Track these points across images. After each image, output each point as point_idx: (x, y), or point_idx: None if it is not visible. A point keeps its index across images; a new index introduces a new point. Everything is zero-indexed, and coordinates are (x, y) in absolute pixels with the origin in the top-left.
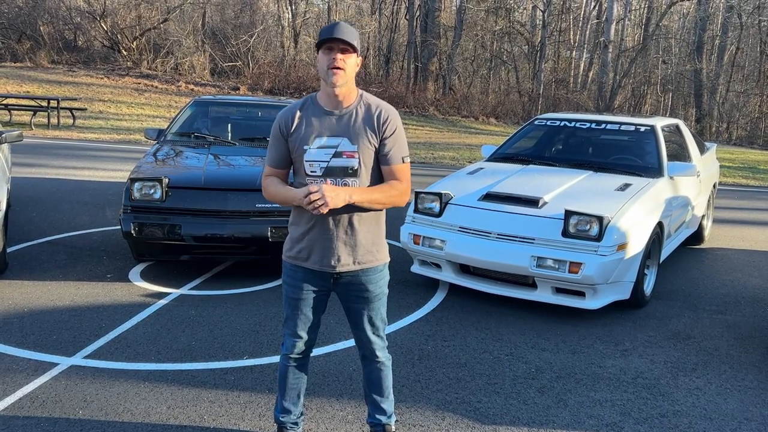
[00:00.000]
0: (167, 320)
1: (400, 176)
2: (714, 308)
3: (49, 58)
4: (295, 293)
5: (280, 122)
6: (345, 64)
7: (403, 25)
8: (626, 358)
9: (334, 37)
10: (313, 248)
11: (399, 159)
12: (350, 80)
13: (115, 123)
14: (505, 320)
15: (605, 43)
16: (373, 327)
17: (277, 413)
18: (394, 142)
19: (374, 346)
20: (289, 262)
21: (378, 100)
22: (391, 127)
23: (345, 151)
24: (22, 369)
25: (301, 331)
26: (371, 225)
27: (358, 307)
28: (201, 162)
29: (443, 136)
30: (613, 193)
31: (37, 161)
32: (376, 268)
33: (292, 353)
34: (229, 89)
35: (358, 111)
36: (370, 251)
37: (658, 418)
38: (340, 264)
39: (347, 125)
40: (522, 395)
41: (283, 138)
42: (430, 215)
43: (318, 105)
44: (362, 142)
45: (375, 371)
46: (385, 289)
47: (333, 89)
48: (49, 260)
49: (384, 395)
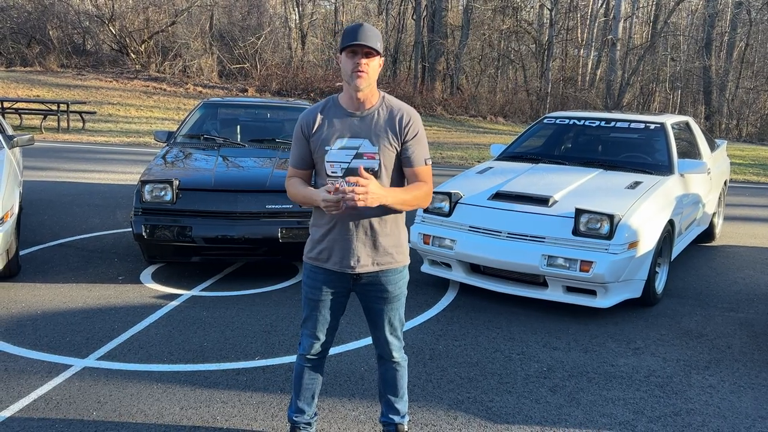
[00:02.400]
0: (179, 321)
1: (424, 178)
2: (726, 306)
3: (59, 62)
4: (314, 294)
5: (302, 123)
6: (368, 68)
7: (410, 25)
8: (638, 357)
9: (357, 43)
10: (333, 249)
11: (422, 161)
12: (373, 82)
13: (124, 126)
14: (516, 319)
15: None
16: (391, 327)
17: (290, 413)
18: (416, 144)
19: (391, 347)
20: (309, 263)
21: (400, 103)
22: (413, 130)
23: (366, 153)
24: (36, 371)
25: (320, 333)
26: (391, 227)
27: (378, 308)
28: (211, 164)
29: (451, 136)
30: (623, 191)
31: (48, 165)
32: (396, 269)
33: (308, 354)
34: (237, 91)
35: (380, 113)
36: (389, 253)
37: (672, 416)
38: (360, 265)
39: (368, 127)
40: (534, 394)
41: (305, 139)
42: (439, 215)
43: (340, 106)
44: (383, 144)
45: (390, 371)
46: (404, 290)
47: (356, 92)
48: (62, 263)
49: (398, 395)
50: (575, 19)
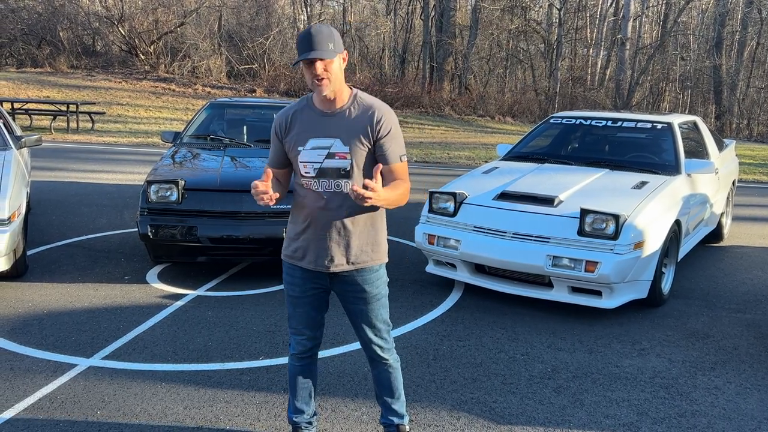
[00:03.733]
0: (184, 321)
1: (400, 175)
2: (733, 307)
3: (69, 62)
4: (294, 291)
5: (276, 124)
6: (328, 73)
7: (418, 25)
8: (644, 358)
9: (310, 58)
10: (307, 248)
11: (397, 158)
12: (337, 81)
13: (133, 126)
14: (521, 320)
15: (622, 41)
16: (373, 329)
17: (290, 414)
18: (390, 141)
19: (377, 348)
20: (287, 261)
21: (372, 100)
22: (386, 126)
23: (337, 152)
24: (42, 370)
25: (305, 329)
26: (365, 225)
27: (356, 308)
28: (217, 164)
29: (459, 136)
30: (629, 191)
31: (57, 165)
32: (372, 268)
33: (297, 352)
34: (246, 92)
35: (352, 111)
36: (364, 251)
37: (676, 417)
38: (334, 264)
39: (339, 126)
40: (538, 395)
41: (279, 140)
42: (444, 215)
43: (313, 106)
44: (354, 142)
45: (383, 373)
46: (383, 290)
47: (321, 96)
48: (68, 262)
49: (395, 396)
50: (584, 18)
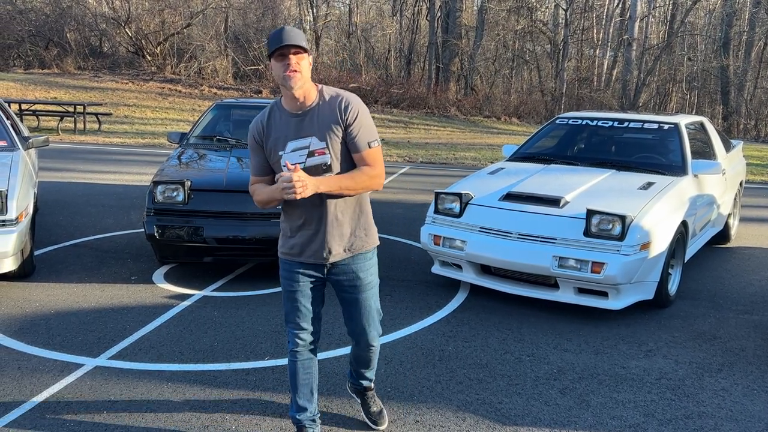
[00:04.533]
0: (190, 321)
1: (370, 161)
2: (740, 308)
3: (76, 64)
4: (292, 286)
5: (253, 133)
6: (300, 67)
7: (424, 26)
8: (650, 359)
9: (284, 44)
10: (305, 243)
11: (365, 144)
12: (307, 80)
13: (139, 127)
14: (527, 321)
15: (629, 41)
16: (368, 317)
17: (293, 413)
18: (358, 127)
19: (369, 336)
20: (284, 258)
21: (337, 90)
22: (353, 113)
23: (317, 149)
24: (49, 369)
25: (303, 323)
26: (354, 212)
27: (351, 297)
28: (223, 165)
29: (465, 137)
30: (635, 191)
31: (64, 165)
32: (366, 254)
33: (297, 347)
34: (252, 92)
35: (321, 106)
36: (358, 237)
37: (683, 419)
38: (332, 255)
39: (312, 123)
40: (544, 396)
41: (260, 147)
42: (450, 216)
43: (284, 109)
44: (329, 135)
45: (365, 354)
46: (375, 279)
47: (292, 92)
48: (75, 263)
49: (370, 367)
50: (590, 19)
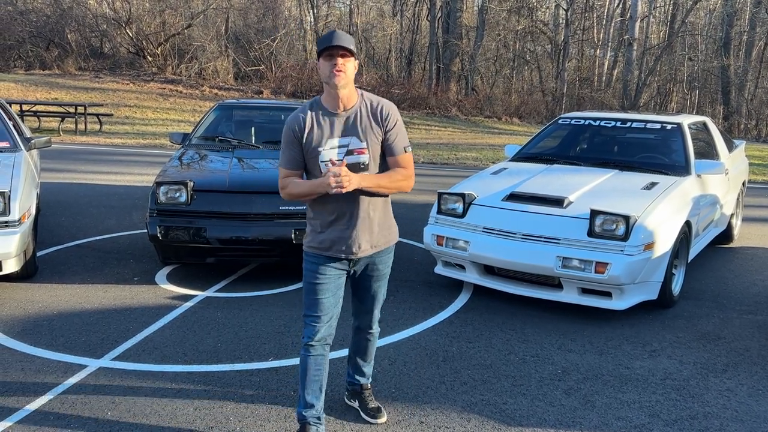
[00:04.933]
0: (193, 322)
1: (404, 164)
2: (744, 308)
3: (77, 65)
4: (317, 278)
5: (291, 126)
6: (345, 68)
7: (424, 26)
8: (654, 359)
9: (333, 45)
10: (335, 239)
11: (402, 149)
12: (350, 82)
13: (140, 128)
14: (531, 321)
15: (630, 41)
16: (377, 303)
17: (300, 409)
18: (396, 134)
19: (373, 319)
20: (312, 252)
21: (378, 98)
22: (393, 120)
23: (356, 149)
24: (52, 370)
25: (323, 315)
26: (382, 211)
27: (368, 285)
28: (225, 165)
29: (466, 137)
30: (639, 192)
31: (66, 166)
32: (387, 249)
33: (312, 340)
34: (253, 93)
35: (362, 109)
36: (383, 234)
37: (688, 420)
38: (361, 250)
39: (354, 124)
40: (548, 397)
41: (298, 141)
42: (453, 216)
43: (325, 108)
44: (370, 137)
45: (364, 341)
46: (389, 270)
47: (336, 91)
48: (78, 263)
49: (367, 360)
50: (591, 19)
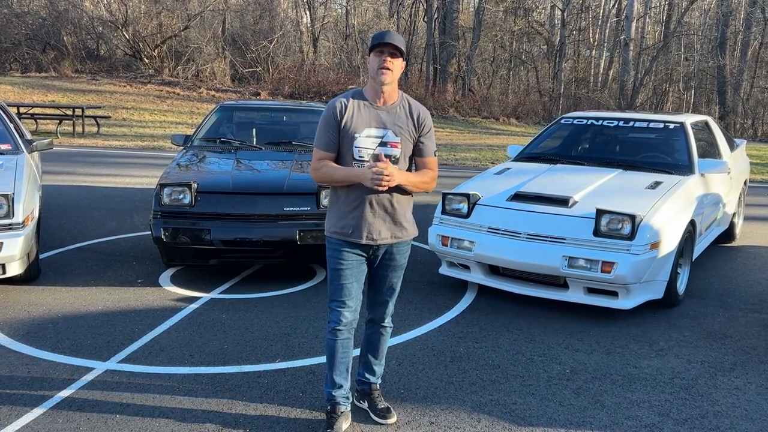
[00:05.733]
0: (199, 324)
1: (432, 166)
2: (749, 307)
3: (73, 67)
4: (341, 264)
5: (333, 110)
6: (393, 66)
7: (421, 27)
8: (662, 358)
9: (385, 42)
10: (358, 224)
11: (432, 152)
12: (395, 80)
13: (138, 130)
14: (537, 321)
15: (626, 41)
16: (392, 293)
17: (327, 389)
18: (428, 138)
19: (387, 310)
20: (334, 237)
21: (416, 102)
22: (427, 125)
23: (390, 141)
24: (59, 373)
25: (349, 300)
26: (404, 205)
27: (384, 274)
28: (228, 167)
29: (464, 138)
30: (643, 191)
31: (64, 169)
32: (407, 241)
33: (339, 325)
34: (250, 95)
35: (401, 108)
36: (404, 227)
37: (698, 418)
38: (381, 237)
39: (392, 119)
40: (558, 396)
41: (337, 124)
42: (458, 216)
43: (366, 99)
44: (404, 135)
45: (376, 334)
46: (406, 263)
47: (381, 86)
48: (81, 266)
49: (378, 357)
50: (587, 19)
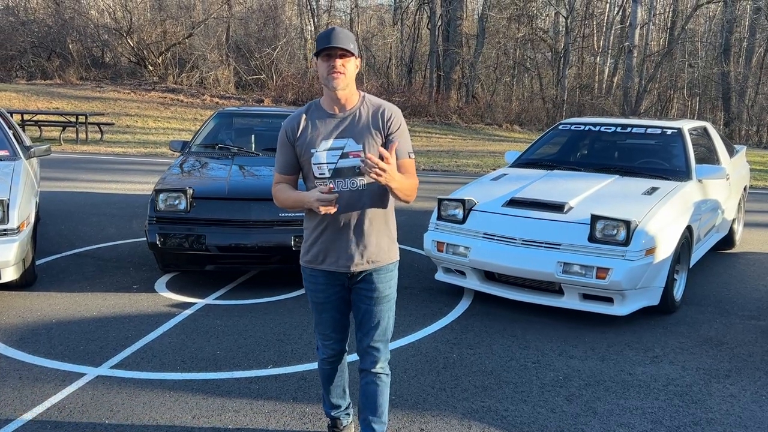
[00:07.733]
0: (192, 330)
1: (408, 170)
2: (747, 314)
3: (78, 74)
4: (318, 297)
5: (286, 129)
6: (345, 69)
7: (425, 34)
8: (657, 365)
9: (330, 46)
10: (327, 250)
11: (405, 154)
12: (351, 83)
13: (141, 137)
14: (532, 327)
15: (630, 48)
16: (379, 330)
17: (326, 409)
18: (399, 137)
19: (377, 354)
20: (306, 266)
21: (380, 100)
22: (396, 123)
23: (351, 152)
24: (50, 379)
25: (332, 332)
26: (380, 225)
27: (367, 308)
28: (225, 173)
29: (467, 144)
30: (640, 197)
31: (66, 175)
32: (387, 267)
33: (327, 356)
34: (254, 102)
35: (362, 111)
36: (381, 249)
37: (691, 426)
38: (354, 264)
39: (351, 126)
40: (550, 403)
41: (290, 144)
42: (453, 222)
43: (322, 109)
44: (367, 141)
45: (372, 385)
46: (394, 292)
47: (335, 93)
48: (77, 272)
49: (377, 414)
50: (591, 26)
